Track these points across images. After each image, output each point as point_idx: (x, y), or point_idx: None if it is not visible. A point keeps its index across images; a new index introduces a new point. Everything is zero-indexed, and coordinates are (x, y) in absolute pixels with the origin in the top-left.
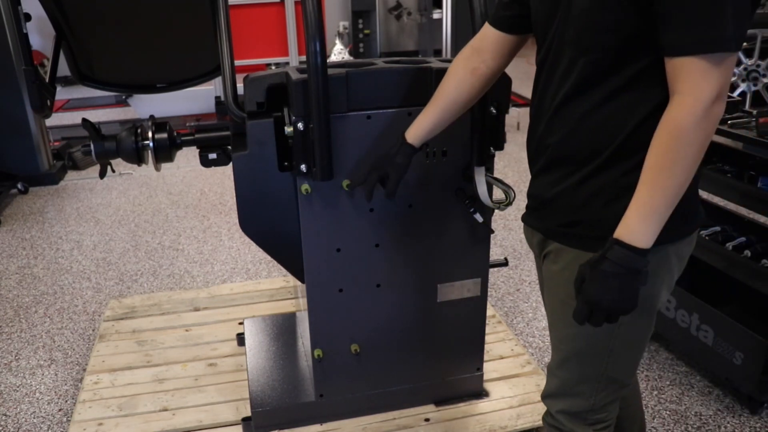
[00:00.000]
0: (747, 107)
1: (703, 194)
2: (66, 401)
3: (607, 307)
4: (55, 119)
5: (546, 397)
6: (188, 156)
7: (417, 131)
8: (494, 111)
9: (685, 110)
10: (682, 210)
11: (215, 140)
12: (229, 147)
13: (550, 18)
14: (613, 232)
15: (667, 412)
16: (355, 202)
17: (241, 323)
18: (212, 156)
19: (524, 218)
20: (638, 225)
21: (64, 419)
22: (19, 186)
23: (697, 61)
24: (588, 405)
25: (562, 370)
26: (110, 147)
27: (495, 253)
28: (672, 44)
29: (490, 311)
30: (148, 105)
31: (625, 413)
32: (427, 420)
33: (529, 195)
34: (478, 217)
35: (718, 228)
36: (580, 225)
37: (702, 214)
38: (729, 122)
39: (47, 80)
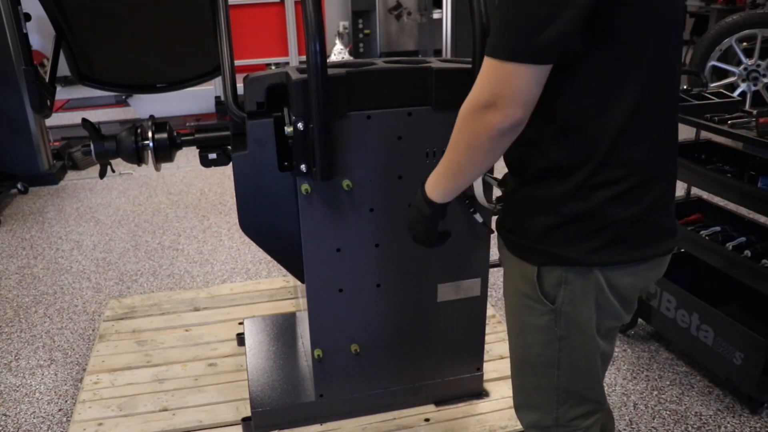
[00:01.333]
0: (747, 107)
1: (703, 194)
2: (66, 401)
3: (413, 237)
4: (55, 119)
5: (515, 408)
6: (188, 156)
7: None
8: None
9: (465, 101)
10: (611, 233)
11: (215, 140)
12: (229, 147)
13: None
14: (538, 243)
15: (667, 412)
16: (355, 202)
17: (241, 323)
18: (212, 156)
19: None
20: (432, 179)
21: (64, 419)
22: (19, 186)
23: (485, 61)
24: (552, 419)
25: (518, 378)
26: (110, 147)
27: (495, 253)
28: None
29: (490, 311)
30: (148, 105)
31: None
32: (427, 420)
33: None
34: (478, 217)
35: (718, 228)
36: (515, 231)
37: (654, 248)
38: (729, 122)
39: (47, 80)
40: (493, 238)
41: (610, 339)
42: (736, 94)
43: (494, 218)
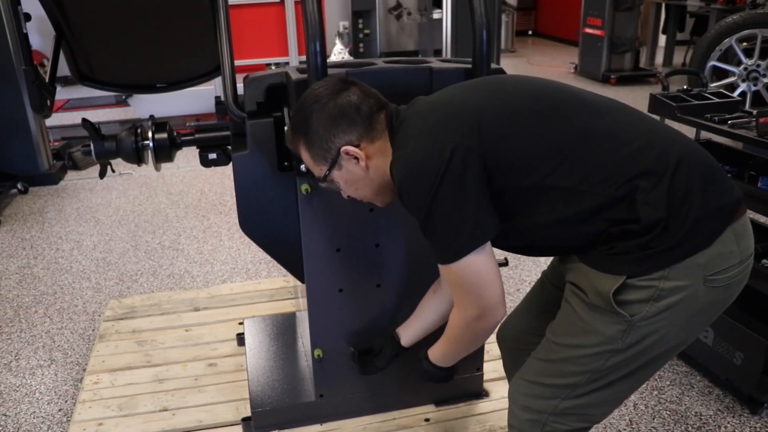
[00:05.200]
0: (747, 107)
1: None
2: (66, 401)
3: (425, 382)
4: (55, 119)
5: (518, 377)
6: (188, 156)
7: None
8: None
9: (457, 317)
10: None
11: (215, 140)
12: (229, 147)
13: None
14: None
15: (667, 412)
16: (355, 202)
17: (241, 323)
18: (212, 156)
19: None
20: (439, 357)
21: (64, 419)
22: (19, 186)
23: (446, 271)
24: (551, 406)
25: (537, 376)
26: (110, 147)
27: (495, 254)
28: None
29: None
30: (148, 105)
31: None
32: (427, 420)
33: None
34: None
35: None
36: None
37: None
38: (729, 122)
39: (47, 80)
40: None
41: (662, 363)
42: (736, 94)
43: None
